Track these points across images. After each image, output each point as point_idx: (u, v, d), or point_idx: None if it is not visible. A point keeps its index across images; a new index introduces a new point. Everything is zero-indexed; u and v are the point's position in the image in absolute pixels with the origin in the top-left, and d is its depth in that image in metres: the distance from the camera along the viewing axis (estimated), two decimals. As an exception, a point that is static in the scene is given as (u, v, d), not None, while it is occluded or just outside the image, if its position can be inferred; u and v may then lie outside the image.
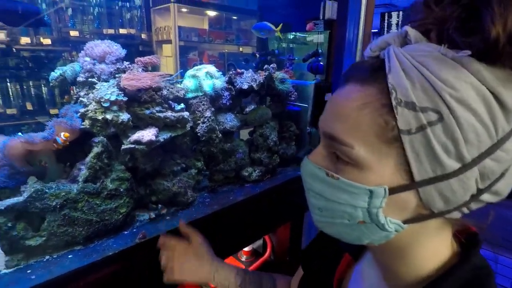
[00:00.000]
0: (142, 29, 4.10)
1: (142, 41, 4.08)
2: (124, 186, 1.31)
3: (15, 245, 1.11)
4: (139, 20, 4.01)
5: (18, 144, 1.10)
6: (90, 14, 3.67)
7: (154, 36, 4.28)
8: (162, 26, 4.01)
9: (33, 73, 3.31)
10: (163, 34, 4.07)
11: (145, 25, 4.09)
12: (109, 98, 1.25)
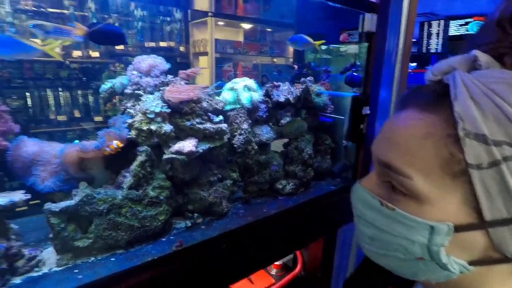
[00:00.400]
0: (181, 42, 4.29)
1: (180, 53, 4.27)
2: (164, 194, 1.38)
3: (66, 246, 1.20)
4: (178, 33, 4.20)
5: (74, 152, 1.20)
6: (134, 28, 3.90)
7: (192, 48, 4.45)
8: (199, 39, 4.17)
9: (81, 83, 3.57)
10: (200, 46, 4.23)
11: (184, 38, 4.28)
12: (153, 110, 1.32)
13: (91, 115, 3.59)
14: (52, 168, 1.27)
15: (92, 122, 3.61)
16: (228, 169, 1.65)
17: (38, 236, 1.38)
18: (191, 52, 4.35)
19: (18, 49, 1.11)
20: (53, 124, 3.21)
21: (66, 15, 3.28)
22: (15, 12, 2.84)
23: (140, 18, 3.87)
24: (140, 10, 3.81)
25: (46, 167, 1.27)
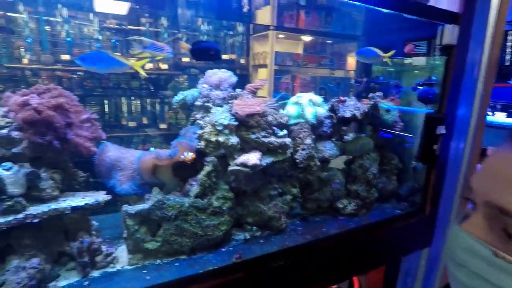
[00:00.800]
0: (241, 55, 4.43)
1: (241, 66, 4.41)
2: (227, 205, 1.42)
3: (137, 246, 1.29)
4: (240, 46, 4.35)
5: (150, 160, 1.31)
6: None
7: (251, 61, 4.58)
8: (260, 51, 4.28)
9: (150, 93, 3.88)
10: (259, 59, 4.33)
11: (244, 51, 4.42)
12: (222, 122, 1.38)
13: (157, 123, 3.87)
14: (129, 173, 1.39)
15: (158, 129, 3.88)
16: (289, 184, 1.64)
17: (112, 233, 1.52)
18: (250, 64, 4.48)
19: (112, 65, 1.26)
20: (125, 129, 3.53)
21: (142, 31, 3.62)
22: (101, 30, 3.23)
23: (205, 33, 4.10)
24: (206, 25, 4.04)
25: (124, 171, 1.40)
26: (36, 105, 1.11)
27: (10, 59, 2.70)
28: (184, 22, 3.95)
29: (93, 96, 3.32)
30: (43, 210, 1.09)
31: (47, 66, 2.89)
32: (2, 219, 1.01)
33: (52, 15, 2.86)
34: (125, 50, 3.45)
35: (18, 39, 2.77)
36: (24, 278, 1.01)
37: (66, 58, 2.94)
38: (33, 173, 1.09)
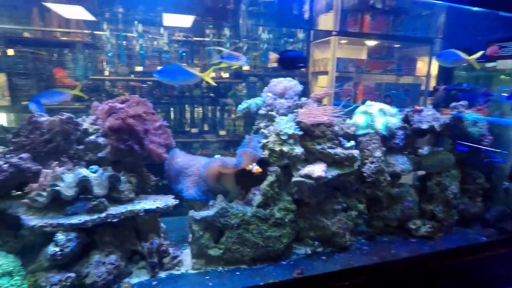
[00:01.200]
0: (302, 62, 4.36)
1: (300, 73, 4.38)
2: (289, 217, 1.39)
3: (201, 252, 1.34)
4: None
5: (215, 167, 1.35)
6: (259, 50, 4.21)
7: (311, 67, 4.52)
8: (320, 58, 4.21)
9: (212, 101, 4.06)
10: (320, 65, 4.26)
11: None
12: (287, 132, 1.37)
13: (217, 129, 4.02)
14: (195, 179, 1.46)
15: (218, 135, 4.02)
16: (355, 199, 1.56)
17: (177, 236, 1.60)
18: (310, 71, 4.43)
19: (185, 76, 1.34)
20: (187, 135, 3.74)
21: (206, 42, 3.82)
22: (169, 42, 3.49)
23: (265, 41, 4.18)
24: (267, 33, 4.12)
25: (191, 177, 1.47)
26: (120, 114, 1.22)
27: (94, 72, 3.06)
28: (246, 32, 4.08)
29: (160, 104, 3.60)
30: (121, 211, 1.20)
31: (123, 77, 3.21)
32: (88, 217, 1.13)
33: (129, 31, 3.19)
34: (190, 60, 3.67)
35: (101, 54, 3.13)
36: (103, 273, 1.11)
37: (139, 69, 3.24)
38: (114, 176, 1.21)
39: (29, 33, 2.76)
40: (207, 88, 4.14)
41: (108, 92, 3.11)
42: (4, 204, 1.15)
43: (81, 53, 3.13)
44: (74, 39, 2.97)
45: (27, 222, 1.08)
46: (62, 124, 1.22)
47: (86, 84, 3.12)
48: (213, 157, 1.52)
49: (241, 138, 3.80)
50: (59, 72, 3.01)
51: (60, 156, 1.24)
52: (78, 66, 3.19)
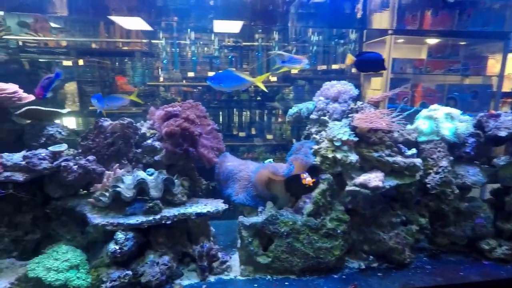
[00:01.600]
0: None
1: (351, 75, 4.23)
2: (341, 228, 1.33)
3: (249, 258, 1.33)
4: (352, 54, 4.15)
5: (265, 173, 1.34)
6: (308, 52, 4.15)
7: (364, 69, 4.31)
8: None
9: (259, 105, 4.08)
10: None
11: (357, 60, 4.19)
12: (341, 138, 1.31)
13: (264, 133, 4.04)
14: (244, 184, 1.46)
15: (265, 139, 4.03)
16: (415, 212, 1.43)
17: (225, 240, 1.62)
18: (362, 73, 4.25)
19: (237, 82, 1.36)
20: (235, 139, 3.81)
21: (255, 47, 3.87)
22: (220, 48, 3.59)
23: (315, 43, 4.10)
24: (316, 35, 4.04)
25: (240, 182, 1.48)
26: (175, 120, 1.28)
27: (150, 78, 3.27)
28: (294, 34, 4.05)
29: (210, 108, 3.71)
30: (174, 213, 1.24)
31: (176, 82, 3.37)
32: (145, 218, 1.19)
33: (182, 39, 3.35)
34: (239, 65, 3.74)
35: (156, 61, 3.33)
36: (157, 273, 1.16)
37: (191, 75, 3.38)
38: (169, 179, 1.26)
39: (96, 44, 3.04)
40: (255, 92, 4.17)
41: (162, 97, 3.29)
42: (73, 202, 1.26)
43: (139, 61, 3.36)
44: (134, 48, 3.20)
45: (92, 220, 1.18)
46: (123, 129, 1.31)
47: (143, 89, 3.34)
48: (263, 162, 1.51)
49: (288, 142, 3.76)
50: (120, 79, 3.27)
51: (120, 159, 1.33)
52: (136, 73, 3.43)
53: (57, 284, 1.02)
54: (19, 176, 1.14)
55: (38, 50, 2.80)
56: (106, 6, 2.52)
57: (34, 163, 1.15)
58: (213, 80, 1.42)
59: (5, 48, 2.68)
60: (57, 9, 2.37)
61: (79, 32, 3.09)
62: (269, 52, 3.48)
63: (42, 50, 2.82)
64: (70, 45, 2.93)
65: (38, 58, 2.93)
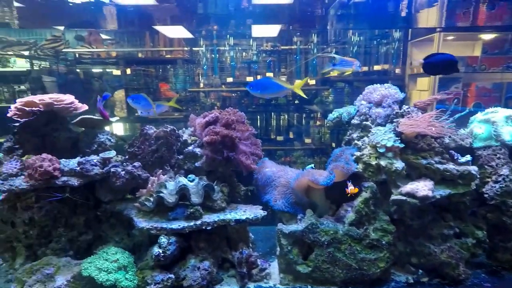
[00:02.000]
0: (397, 64, 4.04)
1: (395, 76, 4.03)
2: (386, 239, 1.26)
3: (289, 267, 1.31)
4: (395, 55, 3.99)
5: (305, 180, 1.31)
6: (349, 53, 4.02)
7: (408, 69, 4.12)
8: (420, 58, 3.78)
9: (297, 108, 4.04)
10: (419, 67, 3.81)
11: (400, 59, 4.01)
12: (385, 144, 1.25)
13: (302, 137, 3.98)
14: (283, 190, 1.45)
15: (303, 143, 3.98)
16: (471, 223, 1.32)
17: (264, 247, 1.61)
18: (407, 73, 4.04)
19: (276, 89, 1.36)
20: (273, 143, 3.80)
21: (293, 50, 3.84)
22: (258, 53, 3.62)
23: (355, 44, 3.98)
24: (357, 35, 3.92)
25: (279, 188, 1.46)
26: (215, 127, 1.30)
27: (191, 84, 3.39)
28: (334, 36, 3.96)
29: (248, 112, 3.74)
30: (214, 219, 1.26)
31: (216, 88, 3.46)
32: (186, 224, 1.22)
33: (221, 45, 3.43)
34: (277, 69, 3.74)
35: (197, 68, 3.44)
36: (198, 277, 1.19)
37: (229, 80, 3.44)
38: (209, 186, 1.28)
39: (142, 53, 3.22)
40: (293, 96, 4.13)
41: (202, 102, 3.39)
42: (121, 206, 1.34)
43: (181, 68, 3.50)
44: (176, 56, 3.34)
45: (138, 223, 1.24)
46: (166, 136, 1.36)
47: (185, 96, 3.47)
48: (303, 168, 1.48)
49: (327, 147, 3.66)
50: (164, 86, 3.43)
51: (163, 165, 1.39)
52: (178, 80, 3.58)
53: (108, 284, 1.09)
54: (74, 181, 1.23)
55: (91, 61, 3.04)
56: (151, 17, 2.67)
57: (87, 169, 1.24)
58: (252, 87, 1.43)
59: (64, 60, 2.94)
60: (108, 23, 2.56)
61: (127, 43, 3.30)
62: (320, 54, 3.43)
63: (95, 61, 3.06)
64: (119, 55, 3.14)
65: (91, 69, 3.18)
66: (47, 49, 2.82)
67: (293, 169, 1.53)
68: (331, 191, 1.44)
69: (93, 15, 2.52)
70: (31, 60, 2.95)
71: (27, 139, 1.38)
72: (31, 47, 2.79)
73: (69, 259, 1.23)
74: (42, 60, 3.00)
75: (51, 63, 3.05)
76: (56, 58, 2.99)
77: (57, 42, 2.91)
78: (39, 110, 1.34)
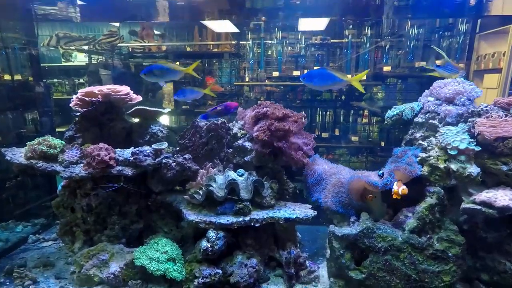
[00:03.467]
0: (460, 59, 3.70)
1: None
2: (453, 251, 1.14)
3: (340, 271, 1.24)
4: (459, 48, 3.65)
5: (362, 182, 1.23)
6: (405, 48, 3.77)
7: (474, 65, 3.76)
8: (488, 53, 3.43)
9: (343, 104, 3.87)
10: (488, 62, 3.47)
11: (465, 54, 3.66)
12: (457, 146, 1.12)
13: (348, 134, 3.82)
14: (335, 190, 1.37)
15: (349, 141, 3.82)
16: (560, 241, 1.14)
17: (311, 248, 1.56)
18: (471, 69, 3.68)
19: (331, 81, 1.29)
20: (317, 140, 3.68)
21: (344, 44, 3.69)
22: (306, 46, 3.53)
23: (414, 37, 3.71)
24: (416, 28, 3.65)
25: (331, 187, 1.39)
26: (266, 122, 1.27)
27: (237, 78, 3.41)
28: (389, 28, 3.73)
29: (291, 107, 3.68)
30: (263, 216, 1.23)
31: (261, 82, 3.43)
32: (235, 219, 1.21)
33: (268, 39, 3.39)
34: (326, 63, 3.62)
35: (244, 61, 3.45)
36: (245, 275, 1.17)
37: (275, 74, 3.39)
38: (258, 181, 1.26)
39: (190, 47, 3.30)
40: (339, 91, 3.98)
41: (246, 96, 3.39)
42: (171, 197, 1.37)
43: (226, 62, 3.54)
44: (223, 50, 3.37)
45: (187, 216, 1.25)
46: (217, 129, 1.36)
47: (230, 89, 3.50)
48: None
49: (374, 146, 3.46)
50: (209, 80, 3.49)
51: (213, 158, 1.39)
52: (224, 74, 3.62)
53: (158, 273, 1.11)
54: (128, 170, 1.27)
55: (143, 55, 3.17)
56: (200, 11, 2.71)
57: (140, 159, 1.28)
58: (306, 77, 1.37)
59: (119, 54, 3.10)
60: (160, 16, 2.64)
61: (175, 37, 3.39)
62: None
63: (145, 54, 3.19)
64: (169, 49, 3.24)
65: (142, 62, 3.33)
66: (104, 44, 2.99)
67: (346, 168, 1.45)
68: (388, 194, 1.33)
69: (147, 9, 2.62)
70: (90, 54, 3.16)
71: (87, 128, 1.46)
72: (90, 42, 2.98)
73: (122, 247, 1.28)
74: (99, 54, 3.19)
75: (107, 57, 3.24)
76: (111, 52, 3.17)
77: (113, 37, 3.07)
78: (97, 100, 1.41)
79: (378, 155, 3.37)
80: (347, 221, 1.32)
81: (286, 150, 1.30)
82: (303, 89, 4.22)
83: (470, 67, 3.83)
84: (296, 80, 3.32)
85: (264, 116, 1.35)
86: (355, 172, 1.34)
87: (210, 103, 3.55)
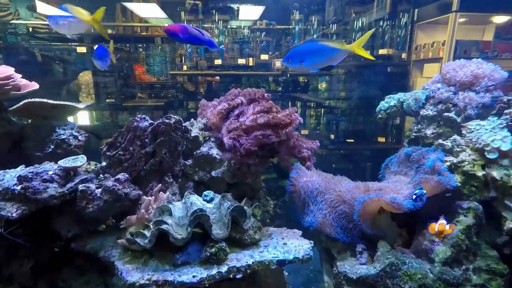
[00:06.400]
0: (402, 49, 3.70)
1: (400, 62, 3.69)
2: (495, 284, 0.88)
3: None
4: (401, 38, 3.63)
5: (379, 203, 0.89)
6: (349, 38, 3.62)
7: (413, 55, 3.81)
8: (427, 42, 3.48)
9: (289, 96, 3.59)
10: (427, 51, 3.52)
11: (406, 44, 3.67)
12: (498, 147, 0.85)
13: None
14: (335, 211, 1.02)
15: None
16: None
17: (295, 284, 1.19)
18: (411, 59, 3.73)
19: (329, 55, 0.91)
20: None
21: (291, 30, 3.40)
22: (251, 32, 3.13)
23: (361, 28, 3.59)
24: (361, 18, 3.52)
25: (328, 208, 1.03)
26: (245, 116, 0.84)
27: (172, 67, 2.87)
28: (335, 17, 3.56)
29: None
30: (247, 262, 0.82)
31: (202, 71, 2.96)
32: (205, 272, 0.75)
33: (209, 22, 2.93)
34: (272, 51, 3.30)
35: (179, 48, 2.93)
36: None
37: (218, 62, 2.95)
38: (238, 209, 0.83)
39: (112, 29, 2.67)
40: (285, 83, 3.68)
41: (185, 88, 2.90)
42: (95, 243, 0.85)
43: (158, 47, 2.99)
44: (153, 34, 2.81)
45: (124, 275, 0.76)
46: (169, 131, 0.87)
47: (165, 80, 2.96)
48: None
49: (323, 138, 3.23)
50: (138, 68, 2.90)
51: (164, 175, 0.90)
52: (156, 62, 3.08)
53: None
54: (11, 209, 0.72)
55: (48, 36, 2.40)
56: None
57: (36, 189, 0.74)
58: (291, 58, 0.97)
59: (14, 34, 2.29)
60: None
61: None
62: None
63: (52, 36, 2.41)
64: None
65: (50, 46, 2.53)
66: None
67: (344, 178, 1.11)
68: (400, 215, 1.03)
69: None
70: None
71: None
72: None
73: None
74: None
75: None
76: (3, 31, 2.30)
77: (2, 11, 2.22)
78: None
79: (328, 148, 3.12)
80: (351, 250, 0.99)
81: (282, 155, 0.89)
82: (248, 78, 3.81)
83: (410, 57, 3.84)
84: (241, 69, 2.95)
85: (238, 110, 0.91)
86: (359, 184, 1.00)
87: (140, 95, 2.95)
